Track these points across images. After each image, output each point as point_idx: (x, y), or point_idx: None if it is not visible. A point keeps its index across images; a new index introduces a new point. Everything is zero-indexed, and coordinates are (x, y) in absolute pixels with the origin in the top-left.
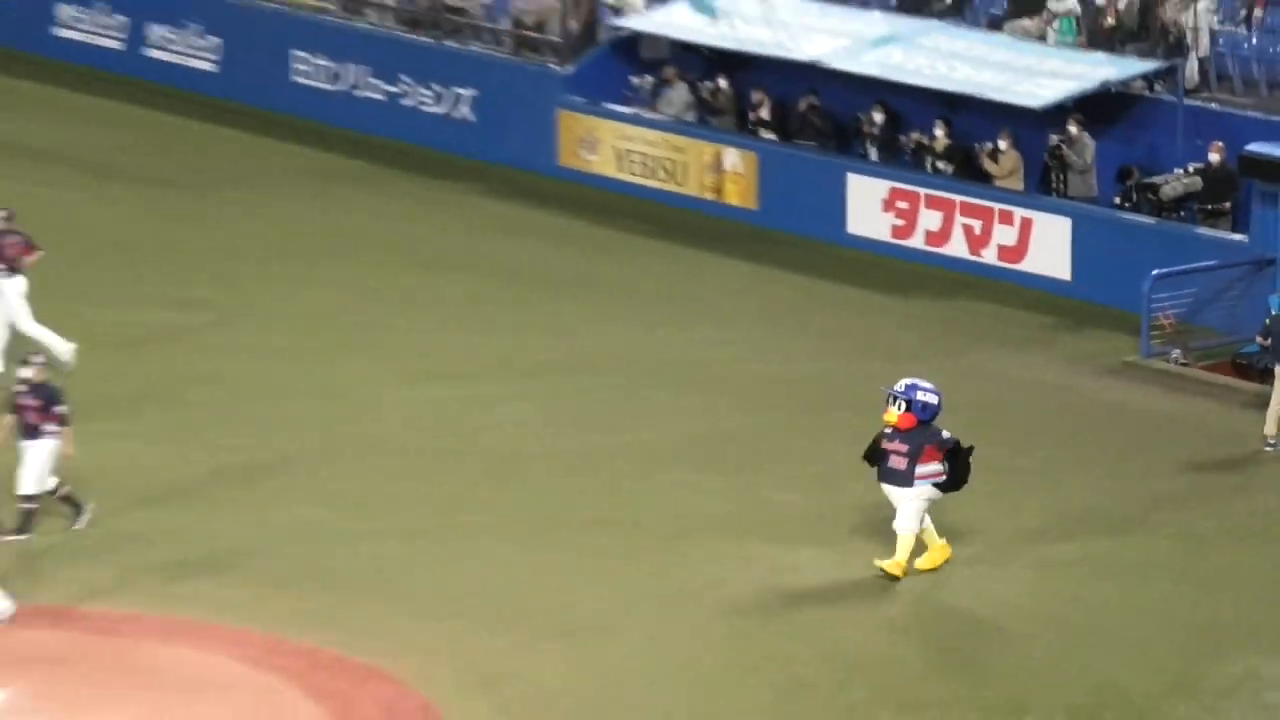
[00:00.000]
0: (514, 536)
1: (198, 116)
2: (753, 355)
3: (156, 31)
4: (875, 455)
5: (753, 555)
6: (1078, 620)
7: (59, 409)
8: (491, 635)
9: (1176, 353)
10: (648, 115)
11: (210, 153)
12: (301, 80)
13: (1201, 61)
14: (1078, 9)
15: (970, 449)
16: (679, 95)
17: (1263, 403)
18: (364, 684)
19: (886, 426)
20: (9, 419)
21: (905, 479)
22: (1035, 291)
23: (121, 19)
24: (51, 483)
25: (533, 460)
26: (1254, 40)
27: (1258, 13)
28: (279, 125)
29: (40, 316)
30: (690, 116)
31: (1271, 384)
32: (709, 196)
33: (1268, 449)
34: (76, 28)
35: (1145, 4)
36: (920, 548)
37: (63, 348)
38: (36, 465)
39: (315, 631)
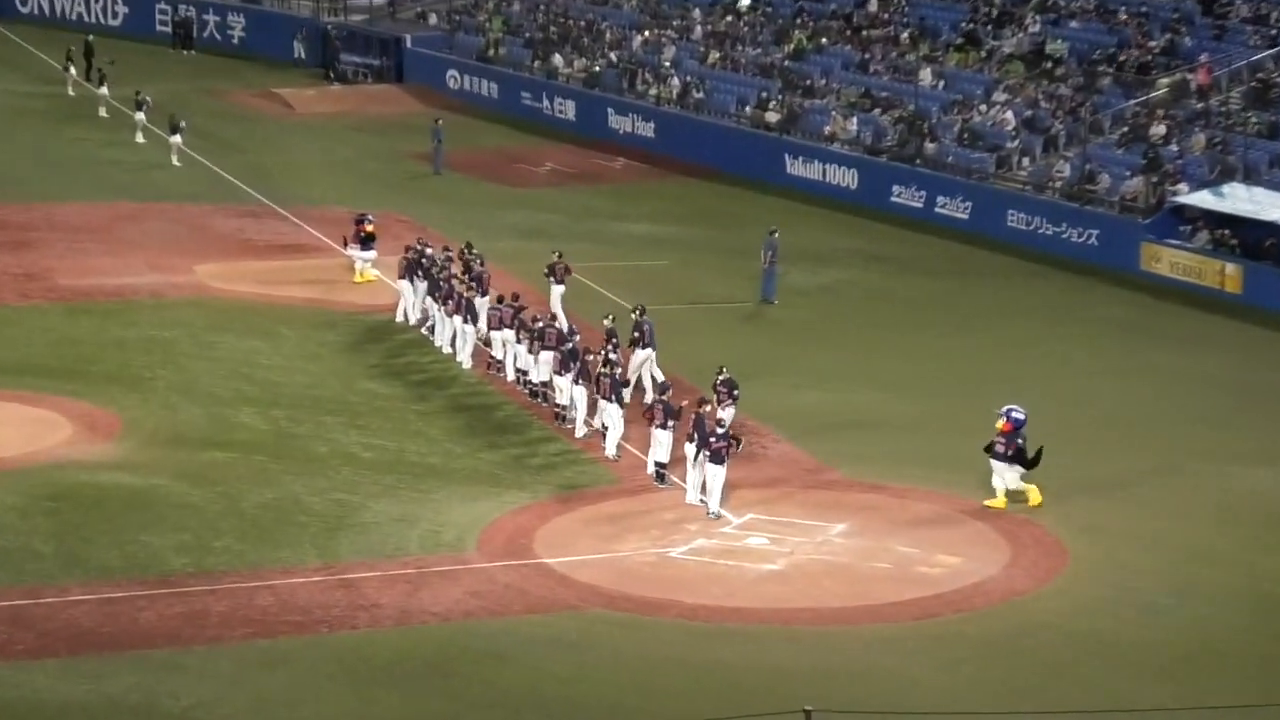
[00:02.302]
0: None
1: (957, 240)
2: (1229, 362)
3: (942, 199)
4: (990, 446)
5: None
6: None
7: (737, 392)
8: (1075, 500)
9: None
10: (1186, 245)
11: (962, 260)
12: (1012, 225)
13: None
14: None
15: (1040, 448)
16: (1203, 235)
17: None
18: (1023, 525)
19: (997, 431)
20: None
21: (1003, 458)
22: None
23: (921, 192)
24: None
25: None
26: None
27: None
28: (999, 247)
29: (875, 338)
30: (1209, 247)
31: None
32: (1217, 286)
33: None
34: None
35: None
36: (1018, 496)
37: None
38: (729, 418)
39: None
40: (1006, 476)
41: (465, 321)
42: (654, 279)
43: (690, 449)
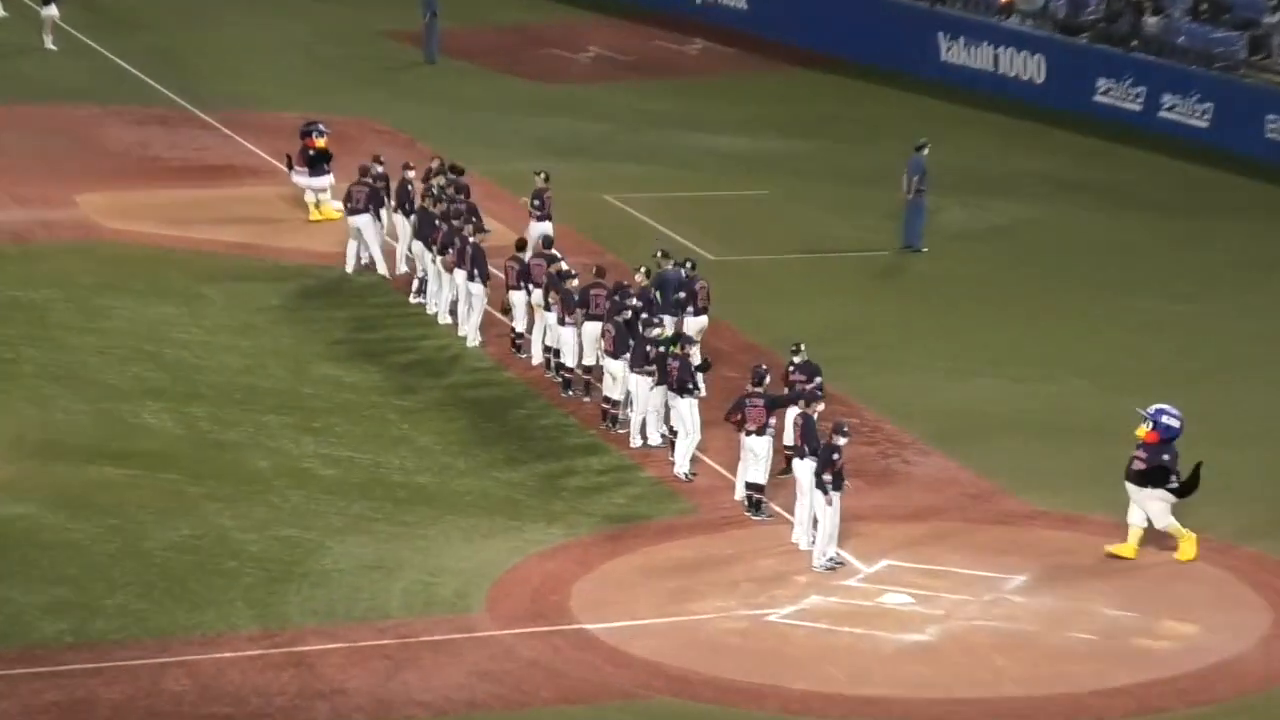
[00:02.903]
0: None
1: (1192, 159)
2: None
3: (1169, 99)
4: (1129, 467)
5: None
6: None
7: (820, 379)
8: None
9: None
10: None
11: (1199, 188)
12: (1272, 136)
13: None
14: None
15: (1196, 468)
16: None
17: None
18: None
19: (1138, 441)
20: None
21: (1141, 479)
22: None
23: (1139, 89)
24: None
25: None
26: None
27: None
28: (1253, 169)
29: (1070, 302)
30: None
31: None
32: None
33: None
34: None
35: None
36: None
37: None
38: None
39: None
40: (1149, 508)
41: (473, 278)
42: (747, 216)
43: (801, 468)
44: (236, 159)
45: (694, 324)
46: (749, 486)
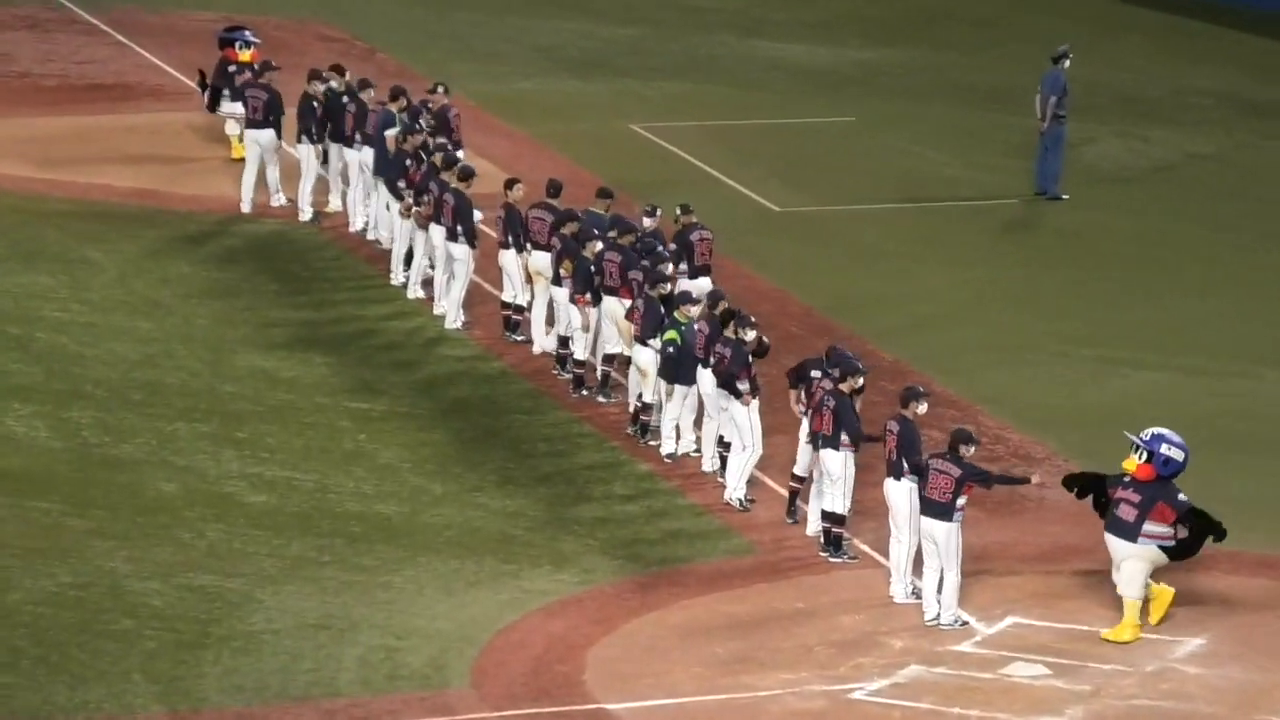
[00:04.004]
0: None
1: None
2: None
3: None
4: (1103, 501)
5: None
6: None
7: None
8: None
9: None
10: None
11: None
12: None
13: None
14: None
15: (1213, 521)
16: None
17: None
18: None
19: (1124, 474)
20: None
21: (1130, 532)
22: None
23: None
24: None
25: None
26: None
27: None
28: None
29: (1261, 267)
30: None
31: None
32: None
33: None
34: None
35: None
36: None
37: None
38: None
39: None
40: (1126, 566)
41: (455, 238)
42: (824, 152)
43: (897, 491)
44: (133, 76)
45: (692, 288)
46: (825, 517)
